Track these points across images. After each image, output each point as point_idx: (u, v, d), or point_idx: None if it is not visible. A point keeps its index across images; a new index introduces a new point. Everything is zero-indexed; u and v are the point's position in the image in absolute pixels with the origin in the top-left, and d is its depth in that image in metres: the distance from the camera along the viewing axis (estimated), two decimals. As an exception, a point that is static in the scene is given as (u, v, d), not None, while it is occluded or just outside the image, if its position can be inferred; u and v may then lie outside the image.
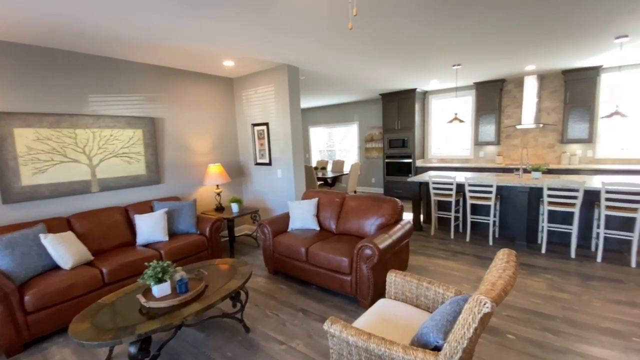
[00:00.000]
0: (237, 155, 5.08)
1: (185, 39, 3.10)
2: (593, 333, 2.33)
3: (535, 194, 4.17)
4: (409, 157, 7.02)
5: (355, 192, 7.06)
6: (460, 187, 4.62)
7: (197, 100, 4.46)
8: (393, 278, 2.10)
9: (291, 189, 4.47)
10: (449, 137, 7.16)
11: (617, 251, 3.79)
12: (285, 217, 3.76)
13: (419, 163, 7.05)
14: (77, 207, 3.40)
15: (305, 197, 3.94)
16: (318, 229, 3.63)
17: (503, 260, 1.50)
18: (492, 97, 6.17)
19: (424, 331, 1.51)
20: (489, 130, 6.28)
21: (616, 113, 3.79)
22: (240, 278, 2.49)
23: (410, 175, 7.05)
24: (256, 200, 4.99)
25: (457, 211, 4.86)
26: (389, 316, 1.89)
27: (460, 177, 4.56)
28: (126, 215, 3.54)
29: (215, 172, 4.26)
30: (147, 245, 3.39)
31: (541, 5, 2.70)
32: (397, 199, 3.32)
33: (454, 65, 4.75)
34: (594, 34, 3.49)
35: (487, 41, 3.61)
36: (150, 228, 3.41)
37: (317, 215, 3.73)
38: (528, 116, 5.83)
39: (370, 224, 3.29)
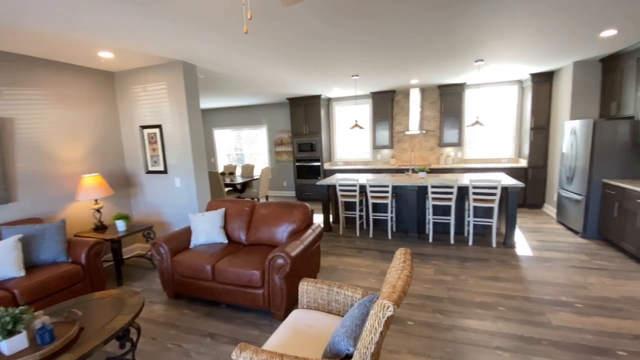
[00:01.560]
0: (123, 163, 4.35)
1: (38, 22, 2.46)
2: (470, 308, 2.77)
3: (422, 191, 4.78)
4: (317, 160, 7.24)
5: (267, 197, 6.91)
6: (362, 188, 4.97)
7: (64, 96, 3.63)
8: (305, 287, 2.07)
9: (193, 200, 4.05)
10: (352, 142, 7.68)
11: (482, 235, 4.65)
12: (187, 233, 3.38)
13: (326, 166, 7.35)
14: None
15: (210, 207, 3.62)
16: (226, 241, 3.37)
17: (400, 260, 1.61)
18: (386, 106, 6.88)
19: (335, 340, 1.50)
20: (384, 135, 6.98)
21: (476, 122, 4.66)
22: (129, 312, 2.10)
23: (319, 177, 7.28)
24: (149, 215, 4.36)
25: (361, 210, 5.23)
26: (303, 328, 1.84)
27: (362, 179, 4.91)
28: (-48, 249, 2.61)
29: (92, 184, 3.53)
30: (-11, 286, 2.56)
31: (418, 33, 3.10)
32: (307, 204, 3.34)
33: (352, 76, 5.09)
34: (459, 58, 4.21)
35: (378, 56, 3.96)
36: (-7, 263, 2.59)
37: (225, 227, 3.46)
38: (414, 123, 6.69)
39: (282, 232, 3.22)
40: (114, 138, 4.22)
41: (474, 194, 4.20)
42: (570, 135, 4.57)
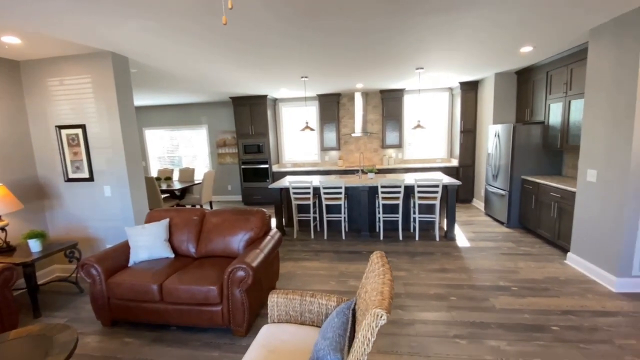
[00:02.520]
0: (34, 170, 3.63)
1: None
2: (426, 300, 2.93)
3: (372, 191, 4.95)
4: (265, 162, 7.02)
5: (210, 203, 6.45)
6: (315, 190, 4.95)
7: (-53, 88, 2.88)
8: (275, 299, 1.95)
9: (128, 210, 3.56)
10: (300, 143, 7.62)
11: (426, 230, 5.00)
12: (123, 249, 2.95)
13: (275, 168, 7.17)
14: None
15: (151, 218, 3.22)
16: (173, 256, 3.02)
17: (379, 264, 1.61)
18: (332, 108, 6.98)
19: (319, 354, 1.43)
20: (331, 137, 7.08)
21: (418, 125, 5.00)
22: (59, 352, 1.72)
23: (268, 180, 7.07)
24: (72, 230, 3.71)
25: (314, 212, 5.20)
26: (277, 344, 1.72)
27: (315, 181, 4.90)
28: None
29: (-7, 198, 2.86)
30: None
31: (364, 41, 3.26)
32: (264, 210, 3.18)
33: (302, 77, 5.04)
34: (401, 65, 4.46)
35: (329, 59, 3.97)
36: None
37: (170, 240, 3.11)
38: (359, 126, 6.92)
39: (238, 241, 3.01)
40: (21, 140, 3.49)
41: (419, 192, 4.49)
42: (494, 137, 5.19)
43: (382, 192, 4.60)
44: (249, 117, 6.94)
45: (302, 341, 1.73)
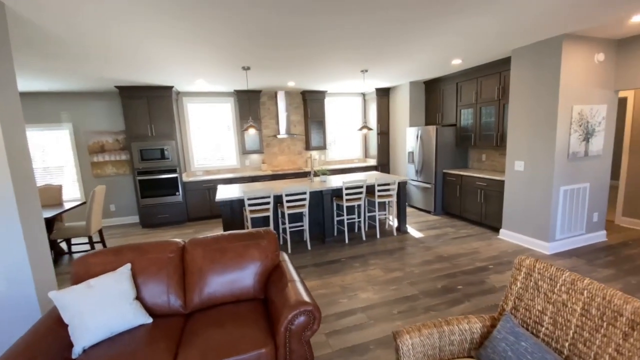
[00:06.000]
0: None
1: None
2: (443, 295, 2.97)
3: (331, 194, 4.71)
4: (172, 171, 5.58)
5: (100, 231, 4.56)
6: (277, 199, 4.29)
7: None
8: (409, 342, 1.50)
9: (20, 261, 2.07)
10: (213, 147, 6.46)
11: (373, 227, 5.16)
12: (48, 333, 1.68)
13: (184, 178, 5.81)
14: None
15: (88, 269, 1.96)
16: (150, 320, 1.94)
17: (544, 267, 1.48)
18: (253, 107, 6.25)
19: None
20: (254, 139, 6.35)
21: (365, 127, 5.09)
22: None
23: (177, 194, 5.65)
24: None
25: (268, 224, 4.50)
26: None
27: (277, 190, 4.23)
28: None
29: None
30: None
31: (308, 43, 3.02)
32: (270, 230, 2.46)
33: (243, 68, 4.26)
34: (350, 64, 4.40)
35: (282, 51, 3.51)
36: None
37: (138, 296, 1.98)
38: (282, 127, 6.50)
39: (250, 276, 2.21)
40: None
41: (379, 191, 4.58)
42: (416, 138, 5.88)
43: (347, 194, 4.44)
44: (147, 113, 5.36)
45: (478, 383, 1.39)
